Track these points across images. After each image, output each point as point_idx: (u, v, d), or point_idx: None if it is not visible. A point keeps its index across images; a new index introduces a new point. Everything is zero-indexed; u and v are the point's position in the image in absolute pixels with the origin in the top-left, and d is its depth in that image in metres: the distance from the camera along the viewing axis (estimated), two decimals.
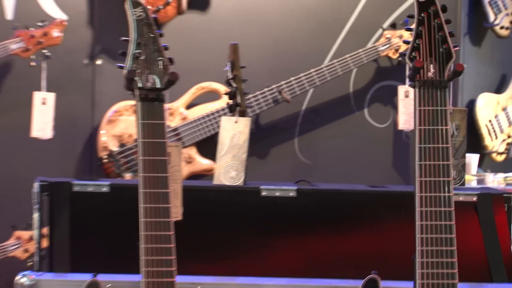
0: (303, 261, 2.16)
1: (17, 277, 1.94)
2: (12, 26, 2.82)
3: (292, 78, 2.88)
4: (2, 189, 3.01)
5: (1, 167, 3.04)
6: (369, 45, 3.01)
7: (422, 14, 1.67)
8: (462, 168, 2.34)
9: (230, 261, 2.15)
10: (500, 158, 3.59)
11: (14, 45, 2.84)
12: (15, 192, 2.92)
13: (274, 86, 2.85)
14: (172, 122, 2.97)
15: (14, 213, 2.85)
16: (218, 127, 2.38)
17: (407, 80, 2.87)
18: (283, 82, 2.85)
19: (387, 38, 2.94)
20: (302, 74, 2.88)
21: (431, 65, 1.67)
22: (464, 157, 2.35)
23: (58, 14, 2.90)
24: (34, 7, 2.91)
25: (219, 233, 2.14)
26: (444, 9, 1.66)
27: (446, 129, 1.65)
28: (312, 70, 2.86)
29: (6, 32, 2.79)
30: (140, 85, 1.65)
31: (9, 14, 2.93)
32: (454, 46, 1.66)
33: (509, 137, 3.74)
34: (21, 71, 2.90)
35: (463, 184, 2.32)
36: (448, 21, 1.67)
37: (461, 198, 2.10)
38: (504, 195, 2.20)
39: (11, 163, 3.05)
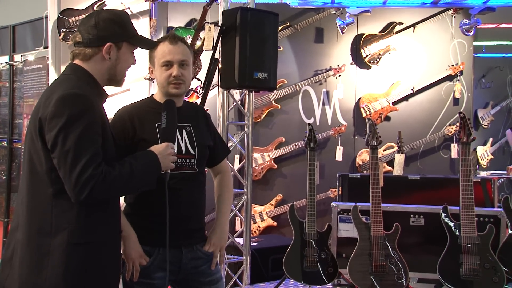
0: (420, 201, 4.10)
1: (333, 204, 4.17)
2: (329, 128, 5.73)
3: (416, 141, 5.67)
4: None
5: None
6: (442, 131, 5.72)
7: (461, 121, 3.53)
8: (474, 169, 5.46)
9: (396, 200, 4.06)
10: (484, 165, 6.25)
11: (331, 132, 5.65)
12: None
13: (410, 143, 5.74)
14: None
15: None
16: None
17: (454, 141, 5.55)
18: (413, 143, 5.76)
19: (448, 129, 5.65)
20: (421, 140, 5.75)
21: (465, 137, 3.49)
22: (475, 166, 5.66)
23: (343, 121, 5.69)
24: (335, 119, 5.81)
25: (392, 190, 4.11)
26: (469, 120, 3.54)
27: (470, 157, 3.45)
28: (423, 139, 5.67)
29: (328, 129, 5.64)
30: (370, 144, 4.23)
31: (317, 121, 6.10)
32: (472, 132, 3.52)
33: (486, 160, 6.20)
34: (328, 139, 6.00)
35: (474, 175, 5.19)
36: (470, 123, 3.50)
37: (474, 179, 3.71)
38: (488, 178, 4.23)
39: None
